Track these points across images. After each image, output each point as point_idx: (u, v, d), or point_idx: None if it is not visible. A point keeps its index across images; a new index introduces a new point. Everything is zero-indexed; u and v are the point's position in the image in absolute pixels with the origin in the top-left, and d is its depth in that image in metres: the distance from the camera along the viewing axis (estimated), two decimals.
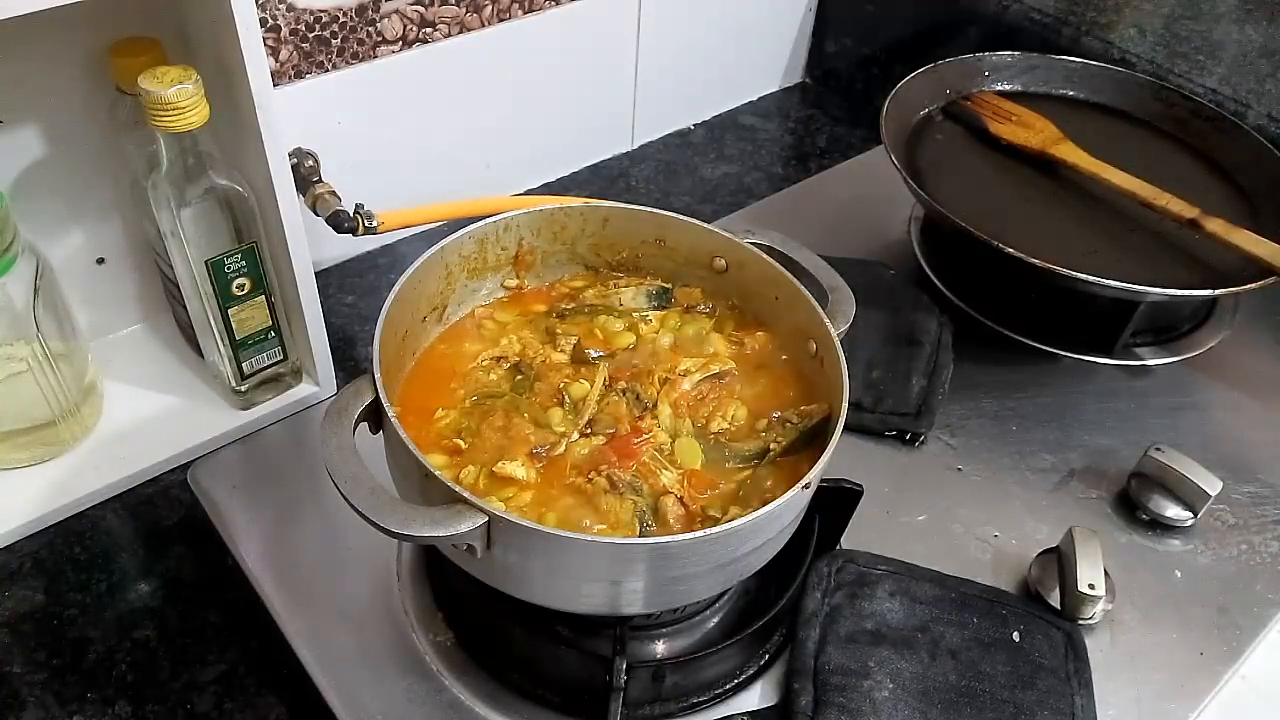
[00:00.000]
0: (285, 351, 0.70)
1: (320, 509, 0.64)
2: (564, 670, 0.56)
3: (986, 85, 0.92)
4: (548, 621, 0.55)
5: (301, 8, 0.73)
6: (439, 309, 0.60)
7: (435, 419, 0.55)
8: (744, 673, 0.57)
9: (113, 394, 0.72)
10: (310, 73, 0.77)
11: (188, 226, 0.60)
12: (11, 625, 0.60)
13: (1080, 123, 0.88)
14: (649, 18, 0.95)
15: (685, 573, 0.47)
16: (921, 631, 0.58)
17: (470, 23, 0.84)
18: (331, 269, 0.87)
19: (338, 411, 0.48)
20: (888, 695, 0.54)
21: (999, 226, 0.73)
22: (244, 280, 0.64)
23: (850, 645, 0.57)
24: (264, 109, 0.58)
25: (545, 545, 0.45)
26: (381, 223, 0.76)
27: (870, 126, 0.86)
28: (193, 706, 0.57)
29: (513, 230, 0.61)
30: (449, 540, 0.44)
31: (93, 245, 0.72)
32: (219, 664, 0.59)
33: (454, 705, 0.55)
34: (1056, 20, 0.96)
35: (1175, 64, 0.91)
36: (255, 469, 0.67)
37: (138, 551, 0.65)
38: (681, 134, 1.07)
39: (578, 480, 0.52)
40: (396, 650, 0.57)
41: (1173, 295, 0.71)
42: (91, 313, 0.73)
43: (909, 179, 0.79)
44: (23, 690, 0.57)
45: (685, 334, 0.61)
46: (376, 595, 0.60)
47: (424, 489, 0.46)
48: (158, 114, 0.55)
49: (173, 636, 0.60)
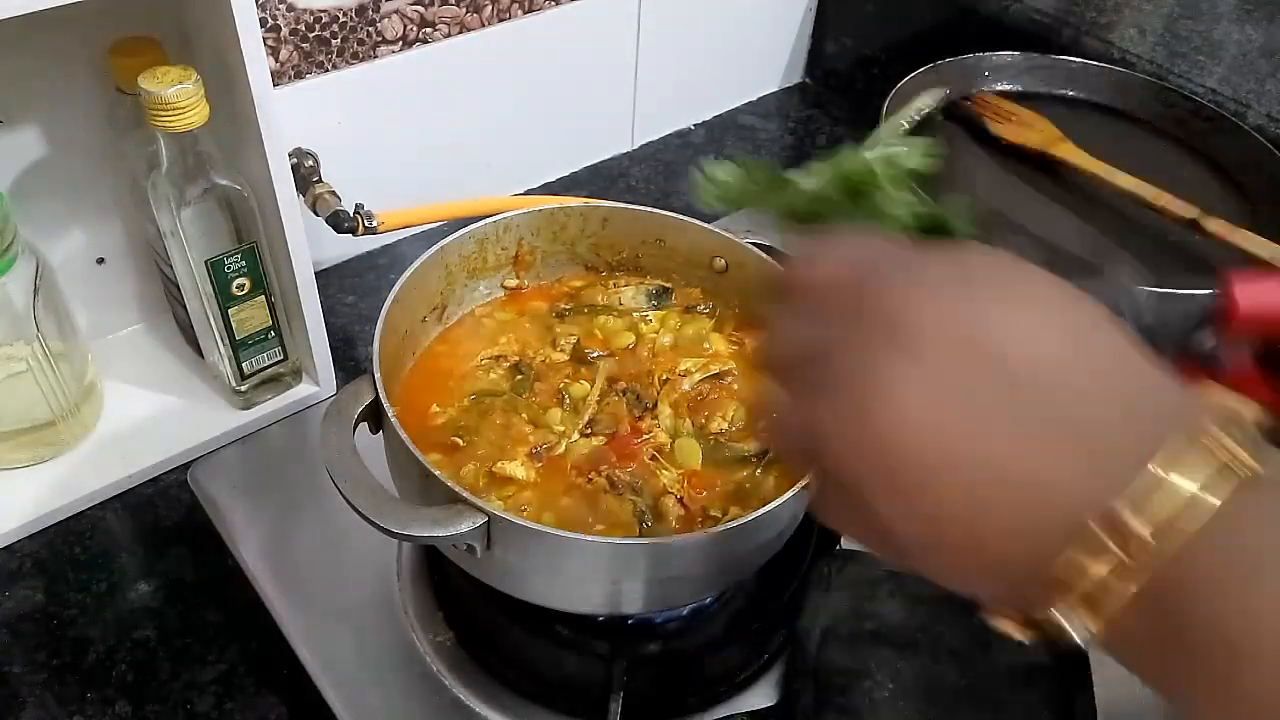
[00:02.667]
0: (285, 351, 0.70)
1: (320, 509, 0.64)
2: (564, 670, 0.56)
3: (986, 85, 0.92)
4: (548, 621, 0.55)
5: (301, 8, 0.73)
6: (439, 309, 0.60)
7: (434, 418, 0.55)
8: (744, 673, 0.57)
9: (113, 394, 0.72)
10: (310, 73, 0.77)
11: (188, 226, 0.60)
12: (11, 625, 0.60)
13: (1080, 123, 0.88)
14: (649, 18, 0.95)
15: (685, 573, 0.48)
16: (921, 631, 0.58)
17: (470, 23, 0.84)
18: (331, 269, 0.86)
19: (338, 411, 0.48)
20: (888, 695, 0.54)
21: (999, 227, 0.72)
22: (244, 280, 0.64)
23: (850, 645, 0.57)
24: (264, 109, 0.58)
25: (545, 545, 0.45)
26: (381, 223, 0.75)
27: (870, 126, 0.86)
28: (193, 706, 0.57)
29: (513, 230, 0.61)
30: (449, 540, 0.44)
31: (93, 245, 0.72)
32: (219, 664, 0.59)
33: (454, 705, 0.55)
34: (1056, 20, 0.96)
35: (1175, 64, 0.91)
36: (255, 469, 0.67)
37: (138, 551, 0.65)
38: (681, 134, 1.07)
39: (577, 480, 0.52)
40: (396, 650, 0.57)
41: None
42: (91, 313, 0.73)
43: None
44: (23, 690, 0.57)
45: (685, 334, 0.61)
46: (376, 595, 0.60)
47: (424, 489, 0.46)
48: (158, 114, 0.55)
49: (173, 636, 0.60)
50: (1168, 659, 0.25)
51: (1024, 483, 0.25)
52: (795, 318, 0.30)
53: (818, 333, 0.28)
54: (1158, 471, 0.24)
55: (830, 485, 0.28)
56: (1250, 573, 0.24)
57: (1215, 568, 0.24)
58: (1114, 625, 0.25)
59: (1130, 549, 0.24)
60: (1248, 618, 0.23)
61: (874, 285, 0.27)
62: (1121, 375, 0.26)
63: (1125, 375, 0.26)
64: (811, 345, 0.28)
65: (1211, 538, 0.24)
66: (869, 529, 0.28)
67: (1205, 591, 0.24)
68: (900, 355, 0.25)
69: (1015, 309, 0.26)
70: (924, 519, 0.26)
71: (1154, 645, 0.25)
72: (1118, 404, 0.25)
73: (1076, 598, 0.25)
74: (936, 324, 0.26)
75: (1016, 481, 0.25)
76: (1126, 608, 0.24)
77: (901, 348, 0.26)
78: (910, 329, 0.26)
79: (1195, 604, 0.24)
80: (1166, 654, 0.25)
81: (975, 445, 0.25)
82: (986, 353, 0.25)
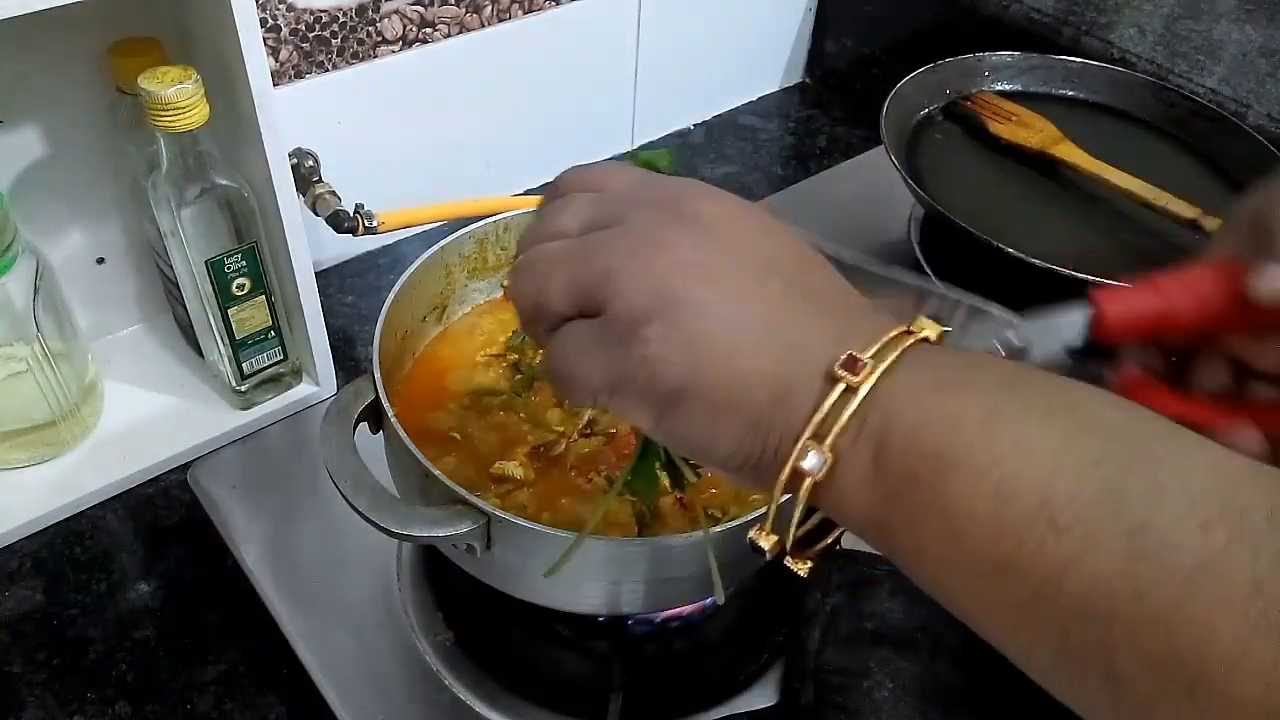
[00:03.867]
0: (285, 351, 0.70)
1: (320, 509, 0.64)
2: (564, 670, 0.56)
3: (986, 85, 0.92)
4: (548, 621, 0.55)
5: (301, 8, 0.73)
6: (439, 309, 0.60)
7: (434, 418, 0.55)
8: (744, 673, 0.57)
9: (113, 394, 0.72)
10: (310, 73, 0.77)
11: (188, 226, 0.60)
12: (11, 625, 0.60)
13: (1080, 123, 0.88)
14: (649, 18, 0.95)
15: (685, 573, 0.47)
16: (921, 631, 0.58)
17: (470, 23, 0.84)
18: (331, 269, 0.86)
19: (338, 411, 0.48)
20: (888, 695, 0.54)
21: (999, 226, 0.72)
22: (244, 280, 0.64)
23: (850, 645, 0.57)
24: (264, 109, 0.58)
25: (545, 545, 0.45)
26: (381, 223, 0.76)
27: (870, 126, 0.86)
28: (193, 706, 0.57)
29: (513, 230, 0.61)
30: (449, 540, 0.44)
31: (93, 245, 0.72)
32: (219, 664, 0.59)
33: (454, 705, 0.55)
34: (1056, 20, 0.96)
35: (1175, 64, 0.91)
36: (255, 469, 0.67)
37: (138, 551, 0.65)
38: (681, 134, 1.07)
39: (577, 480, 0.52)
40: (396, 650, 0.57)
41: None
42: (91, 313, 0.73)
43: (909, 179, 0.79)
44: (23, 690, 0.57)
45: None
46: (376, 595, 0.60)
47: (424, 489, 0.46)
48: (158, 114, 0.55)
49: (173, 636, 0.60)
50: (886, 487, 0.29)
51: (779, 333, 0.31)
52: (584, 202, 0.36)
53: (610, 209, 0.34)
54: (882, 336, 0.30)
55: (588, 332, 0.32)
56: (943, 388, 0.29)
57: (910, 385, 0.29)
58: (840, 456, 0.29)
59: (856, 371, 0.29)
60: (945, 423, 0.28)
61: (657, 185, 0.35)
62: (832, 274, 0.34)
63: (833, 275, 0.34)
64: (606, 216, 0.34)
65: (910, 366, 0.29)
66: (624, 370, 0.31)
67: (906, 401, 0.29)
68: (687, 228, 0.32)
69: (759, 221, 0.34)
70: (689, 356, 0.30)
71: (875, 475, 0.29)
72: (843, 290, 0.33)
73: (811, 429, 0.29)
74: (710, 214, 0.33)
75: (774, 332, 0.31)
76: (845, 430, 0.29)
77: (688, 225, 0.32)
78: (694, 214, 0.33)
79: (902, 410, 0.29)
80: (885, 481, 0.29)
81: (744, 301, 0.31)
82: (748, 239, 0.33)
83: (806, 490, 0.30)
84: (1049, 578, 0.26)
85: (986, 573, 0.27)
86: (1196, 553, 0.24)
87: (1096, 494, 0.25)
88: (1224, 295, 0.40)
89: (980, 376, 0.29)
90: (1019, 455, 0.27)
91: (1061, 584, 0.25)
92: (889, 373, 0.29)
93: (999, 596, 0.27)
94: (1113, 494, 0.25)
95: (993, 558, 0.27)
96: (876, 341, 0.30)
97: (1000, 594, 0.27)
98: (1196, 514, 0.24)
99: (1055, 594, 0.25)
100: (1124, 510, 0.25)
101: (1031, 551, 0.26)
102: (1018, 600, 0.26)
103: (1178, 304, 0.41)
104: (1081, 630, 0.25)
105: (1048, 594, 0.26)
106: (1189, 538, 0.24)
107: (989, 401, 0.28)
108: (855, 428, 0.29)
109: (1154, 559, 0.24)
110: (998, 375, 0.30)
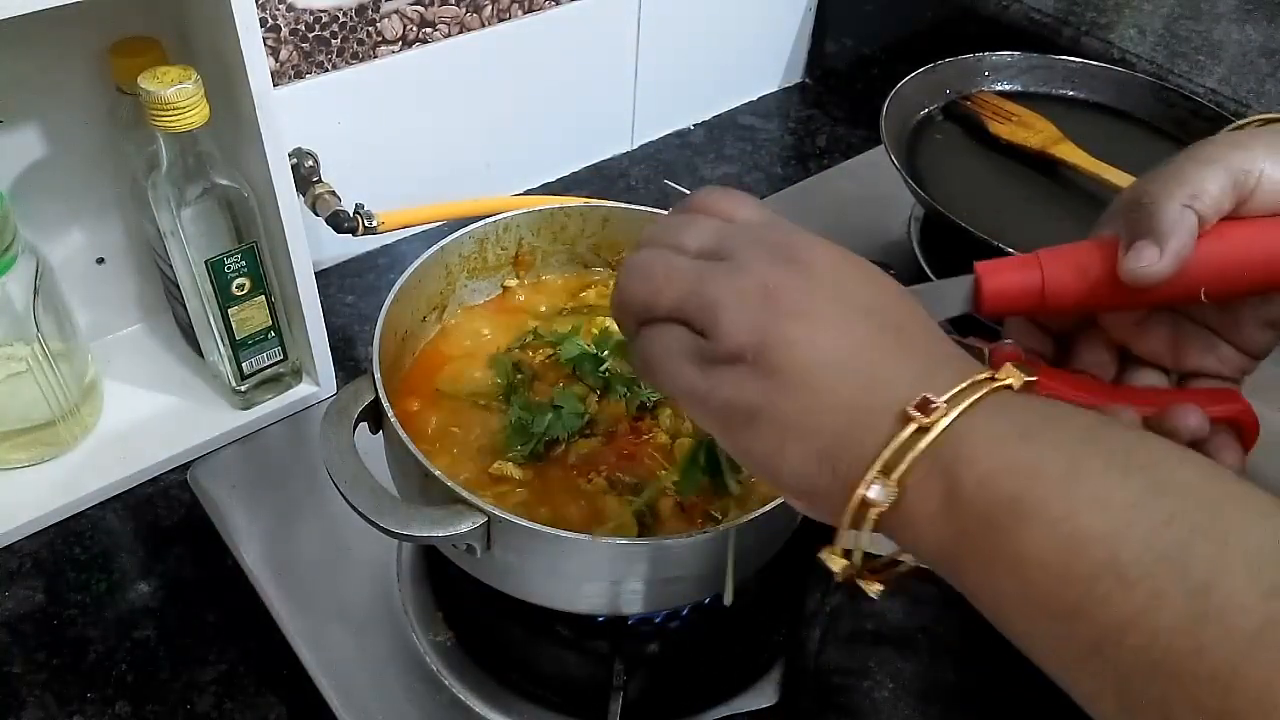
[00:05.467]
0: (285, 351, 0.70)
1: (320, 509, 0.64)
2: (564, 670, 0.56)
3: (986, 85, 0.92)
4: (548, 621, 0.55)
5: (301, 8, 0.73)
6: (439, 309, 0.60)
7: (434, 418, 0.55)
8: (744, 673, 0.57)
9: (113, 394, 0.72)
10: (310, 73, 0.77)
11: (188, 226, 0.60)
12: (11, 625, 0.60)
13: (1080, 123, 0.88)
14: (649, 18, 0.95)
15: (685, 573, 0.48)
16: (921, 631, 0.58)
17: (470, 23, 0.84)
18: (331, 269, 0.87)
19: (338, 411, 0.48)
20: (888, 695, 0.54)
21: (999, 226, 0.72)
22: (244, 280, 0.64)
23: (850, 645, 0.57)
24: (264, 109, 0.58)
25: (545, 545, 0.45)
26: (381, 223, 0.76)
27: (870, 126, 0.86)
28: (193, 706, 0.57)
29: (513, 230, 0.61)
30: (449, 540, 0.44)
31: (93, 245, 0.72)
32: (219, 664, 0.59)
33: (454, 705, 0.55)
34: (1056, 20, 0.96)
35: (1175, 64, 0.91)
36: (255, 469, 0.67)
37: (138, 551, 0.65)
38: (681, 134, 1.07)
39: (576, 480, 0.52)
40: (396, 650, 0.57)
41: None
42: (91, 313, 0.73)
43: (909, 179, 0.79)
44: (23, 690, 0.57)
45: None
46: (376, 595, 0.60)
47: (424, 489, 0.46)
48: (158, 114, 0.55)
49: (173, 636, 0.60)
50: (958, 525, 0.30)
51: (861, 369, 0.32)
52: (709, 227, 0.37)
53: (731, 243, 0.36)
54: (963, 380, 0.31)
55: (686, 341, 0.35)
56: (1024, 437, 0.30)
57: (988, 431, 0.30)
58: (908, 490, 0.30)
59: (928, 413, 0.30)
60: (1024, 472, 0.29)
61: (778, 228, 0.37)
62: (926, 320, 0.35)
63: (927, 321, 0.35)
64: (726, 248, 0.36)
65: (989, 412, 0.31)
66: (710, 386, 0.34)
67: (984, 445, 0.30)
68: (796, 275, 0.34)
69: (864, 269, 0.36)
70: (770, 382, 0.32)
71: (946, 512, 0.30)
72: (934, 336, 0.35)
73: (881, 463, 0.30)
74: (819, 262, 0.35)
75: (856, 367, 0.32)
76: (915, 466, 0.30)
77: (798, 272, 0.34)
78: (806, 261, 0.35)
79: (979, 453, 0.30)
80: (957, 519, 0.30)
81: (834, 338, 0.33)
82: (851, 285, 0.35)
83: (872, 520, 0.31)
84: (1113, 629, 0.27)
85: (1053, 617, 0.28)
86: (1258, 618, 0.25)
87: (1165, 552, 0.26)
88: (1101, 272, 0.40)
89: (1062, 428, 0.30)
90: (1093, 509, 0.28)
91: (1125, 636, 0.26)
92: (968, 415, 0.30)
93: (1064, 641, 0.28)
94: (1181, 554, 0.26)
95: (1060, 604, 0.28)
96: (957, 385, 0.31)
97: (1066, 639, 0.28)
98: (1261, 581, 0.25)
99: (1119, 645, 0.26)
100: (1190, 571, 0.26)
101: (1098, 602, 0.27)
102: (1082, 647, 0.28)
103: (1056, 278, 0.41)
104: (1143, 682, 0.26)
105: (1111, 643, 0.27)
106: (1251, 602, 0.25)
107: (1069, 454, 0.29)
108: (927, 465, 0.30)
109: (1215, 621, 0.25)
110: (1080, 427, 0.30)
